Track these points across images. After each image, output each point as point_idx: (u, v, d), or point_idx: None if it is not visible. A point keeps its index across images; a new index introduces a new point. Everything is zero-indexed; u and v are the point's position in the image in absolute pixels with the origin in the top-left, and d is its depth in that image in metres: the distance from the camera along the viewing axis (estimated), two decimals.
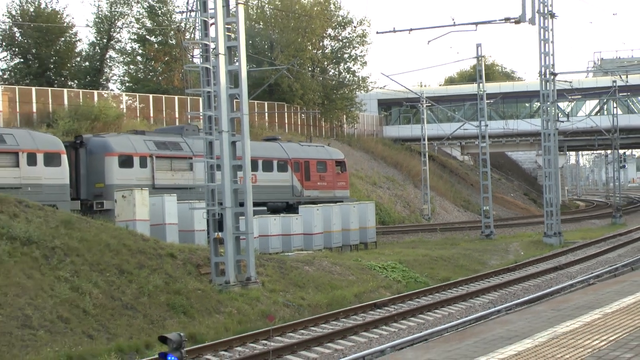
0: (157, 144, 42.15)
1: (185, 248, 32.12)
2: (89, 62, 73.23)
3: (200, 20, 31.03)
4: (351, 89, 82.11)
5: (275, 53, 72.97)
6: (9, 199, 28.56)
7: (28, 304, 23.82)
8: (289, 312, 29.61)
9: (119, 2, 72.76)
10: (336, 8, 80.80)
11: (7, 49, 67.13)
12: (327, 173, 52.55)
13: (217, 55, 30.45)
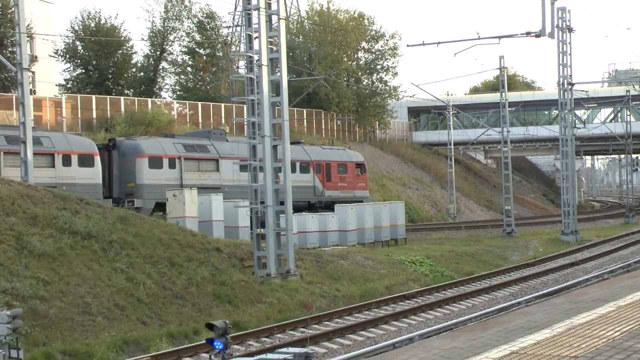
0: (186, 147, 41.85)
1: (230, 243, 32.18)
2: (143, 73, 73.71)
3: (245, 35, 31.10)
4: (383, 98, 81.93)
5: (314, 64, 72.96)
6: (71, 197, 28.76)
7: (88, 292, 23.96)
8: (325, 302, 29.56)
9: (171, 18, 73.20)
10: (370, 23, 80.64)
11: (70, 61, 67.74)
12: (347, 174, 51.74)
13: (260, 66, 30.49)
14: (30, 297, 22.15)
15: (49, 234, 25.58)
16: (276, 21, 31.12)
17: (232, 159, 42.92)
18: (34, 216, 26.08)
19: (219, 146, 43.32)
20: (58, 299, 22.88)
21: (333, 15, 77.75)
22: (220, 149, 43.20)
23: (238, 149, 43.40)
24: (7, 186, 27.00)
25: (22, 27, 31.38)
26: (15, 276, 22.69)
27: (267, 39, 30.64)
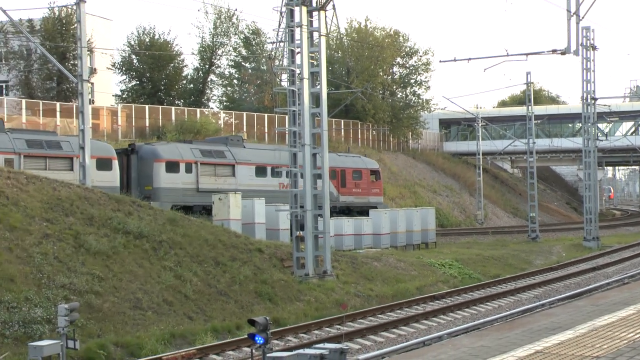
0: (203, 152, 40.91)
1: (271, 244, 32.19)
2: (193, 85, 74.09)
3: (289, 50, 31.13)
4: (416, 110, 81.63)
5: (351, 78, 72.89)
6: (125, 199, 28.94)
7: (139, 288, 24.07)
8: (359, 301, 29.46)
9: (220, 33, 73.53)
10: (404, 40, 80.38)
11: (126, 73, 68.30)
12: (362, 181, 49.98)
13: (302, 79, 30.51)
14: (86, 292, 22.30)
15: (104, 234, 25.75)
16: (317, 38, 31.14)
17: (248, 165, 42.39)
18: (90, 217, 26.27)
19: (235, 152, 42.43)
20: (111, 294, 23.01)
21: (370, 32, 77.60)
22: (236, 154, 42.32)
23: (254, 155, 43.06)
24: (66, 188, 27.24)
25: (83, 42, 31.68)
26: (73, 272, 22.86)
27: (308, 54, 30.67)
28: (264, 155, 43.48)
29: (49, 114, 51.25)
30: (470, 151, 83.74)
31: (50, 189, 26.51)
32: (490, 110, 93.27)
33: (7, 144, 33.79)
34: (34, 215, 24.52)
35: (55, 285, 21.94)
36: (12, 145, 33.94)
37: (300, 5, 30.40)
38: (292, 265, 30.42)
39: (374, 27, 78.40)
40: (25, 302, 20.40)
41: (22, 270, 21.83)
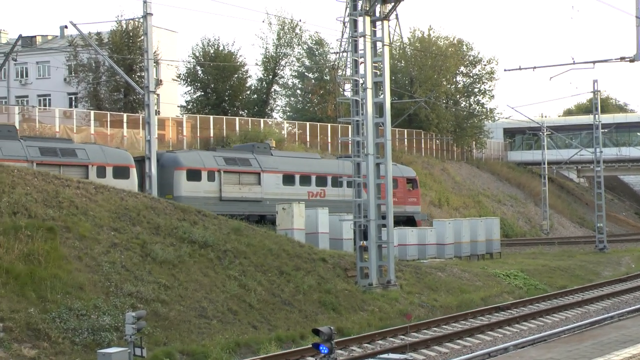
0: (227, 160, 39.89)
1: (335, 254, 32.17)
2: (257, 95, 74.64)
3: (352, 60, 31.14)
4: (480, 119, 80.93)
5: (415, 87, 72.62)
6: (190, 209, 29.22)
7: (204, 297, 24.26)
8: (424, 311, 29.25)
9: (283, 44, 73.99)
10: (468, 49, 79.78)
11: (191, 84, 69.16)
12: (397, 189, 46.59)
13: (365, 89, 30.51)
14: (153, 300, 22.56)
15: (170, 243, 26.04)
16: (381, 47, 31.10)
17: (275, 173, 41.43)
18: (156, 226, 26.59)
19: (262, 160, 41.57)
20: (177, 303, 23.24)
21: (433, 42, 77.25)
22: (263, 162, 41.46)
23: (282, 162, 42.17)
24: (133, 198, 27.64)
25: (150, 54, 32.20)
26: (140, 281, 23.16)
27: (372, 64, 30.64)
28: (293, 163, 42.96)
29: (116, 125, 52.15)
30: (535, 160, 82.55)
31: (117, 199, 26.93)
32: (555, 119, 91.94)
33: (19, 152, 32.99)
34: (102, 225, 24.92)
35: (123, 293, 22.26)
36: (25, 153, 33.17)
37: (364, 16, 30.41)
38: (356, 275, 30.36)
39: (437, 36, 78.05)
40: (94, 309, 20.73)
41: (91, 278, 22.19)
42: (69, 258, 22.41)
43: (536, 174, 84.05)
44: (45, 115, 51.58)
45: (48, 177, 25.81)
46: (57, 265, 21.68)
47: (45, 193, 24.50)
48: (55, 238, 22.64)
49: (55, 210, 23.98)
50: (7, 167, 24.99)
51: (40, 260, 21.38)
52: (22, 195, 23.55)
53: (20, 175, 24.72)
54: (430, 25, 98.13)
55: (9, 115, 50.43)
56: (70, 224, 23.80)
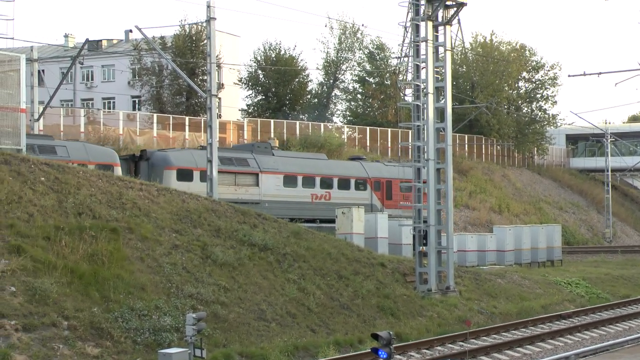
0: (222, 159, 37.25)
1: (393, 259, 32.07)
2: (317, 99, 74.90)
3: (413, 65, 31.05)
4: (542, 125, 79.92)
5: (476, 93, 72.05)
6: (250, 212, 29.40)
7: (263, 300, 24.37)
8: (483, 318, 28.97)
9: (344, 49, 74.13)
10: (531, 54, 78.87)
11: (252, 88, 69.68)
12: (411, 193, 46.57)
13: (426, 94, 30.38)
14: (213, 302, 22.74)
15: (230, 245, 26.22)
16: (442, 52, 30.94)
17: (275, 174, 39.48)
18: (217, 228, 26.81)
19: (261, 160, 39.65)
20: (237, 305, 23.39)
21: (495, 47, 76.56)
22: (262, 162, 39.52)
23: (283, 163, 40.38)
24: (195, 201, 27.91)
25: (213, 58, 32.49)
26: (200, 282, 23.37)
27: (433, 69, 30.53)
28: (295, 164, 41.13)
29: (178, 127, 52.79)
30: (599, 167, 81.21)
31: (179, 201, 27.22)
32: (620, 126, 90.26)
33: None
34: (164, 227, 25.21)
35: (184, 294, 22.48)
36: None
37: (426, 20, 30.31)
38: (415, 281, 30.23)
39: (499, 42, 77.33)
40: (155, 310, 20.97)
41: (153, 279, 22.46)
42: (132, 259, 22.72)
43: (599, 181, 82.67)
44: (109, 118, 52.47)
45: (112, 179, 26.22)
46: (120, 266, 21.99)
47: (109, 194, 24.88)
48: (118, 239, 22.97)
49: (119, 211, 24.34)
50: (73, 169, 25.46)
51: (103, 261, 21.71)
52: (87, 196, 23.95)
53: (85, 176, 25.15)
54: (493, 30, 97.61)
55: (75, 118, 51.41)
56: (132, 225, 24.13)
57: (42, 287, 19.44)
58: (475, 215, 59.47)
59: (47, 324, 18.74)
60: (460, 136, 69.38)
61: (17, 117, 25.04)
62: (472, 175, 66.63)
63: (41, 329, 18.53)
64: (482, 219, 59.08)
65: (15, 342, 17.72)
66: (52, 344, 18.37)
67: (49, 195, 23.04)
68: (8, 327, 17.96)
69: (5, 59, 25.31)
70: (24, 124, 25.61)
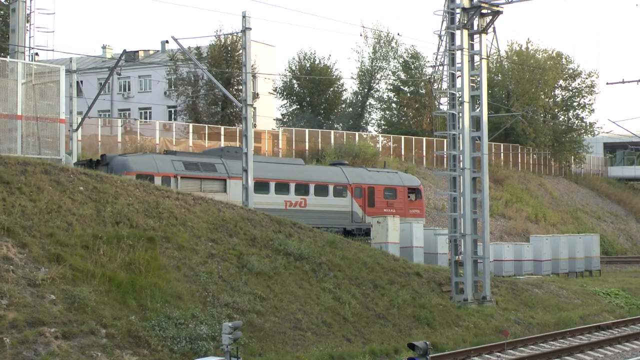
0: (186, 165, 36.16)
1: (429, 268, 31.98)
2: (352, 108, 74.97)
3: (449, 73, 31.02)
4: (579, 134, 79.27)
5: (511, 101, 71.68)
6: (285, 221, 29.49)
7: (299, 309, 24.43)
8: (520, 329, 28.78)
9: (379, 58, 74.18)
10: (567, 62, 78.31)
11: (287, 98, 69.97)
12: (396, 200, 43.47)
13: (462, 103, 30.32)
14: (249, 311, 22.84)
15: (266, 254, 26.33)
16: (478, 61, 30.88)
17: None
18: (253, 238, 26.94)
19: (230, 165, 37.53)
20: (273, 314, 23.47)
21: (531, 55, 76.13)
22: (231, 167, 37.35)
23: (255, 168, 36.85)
24: (230, 210, 28.08)
25: (248, 68, 32.70)
26: (236, 291, 23.49)
27: (469, 78, 30.47)
28: (268, 169, 39.10)
29: (213, 137, 53.16)
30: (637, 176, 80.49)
31: (215, 210, 27.40)
32: None
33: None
34: (200, 236, 25.40)
35: (220, 303, 22.61)
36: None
37: (461, 29, 30.27)
38: (451, 290, 30.11)
39: (535, 49, 76.89)
40: (191, 319, 21.12)
41: (189, 288, 22.62)
42: (168, 268, 22.91)
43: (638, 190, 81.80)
44: (146, 128, 53.00)
45: (149, 188, 26.47)
46: (157, 275, 22.18)
47: (146, 204, 25.12)
48: (155, 248, 23.17)
49: (156, 220, 24.56)
50: (110, 178, 25.75)
51: (140, 269, 21.91)
52: (124, 205, 24.21)
53: (123, 186, 25.42)
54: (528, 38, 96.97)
55: (112, 128, 51.99)
56: (169, 234, 24.33)
57: (81, 296, 19.67)
58: (511, 224, 59.09)
59: (86, 332, 18.95)
60: (495, 145, 69.06)
61: (57, 127, 25.42)
62: (508, 184, 66.24)
63: (80, 337, 18.75)
64: (518, 228, 58.69)
65: (55, 350, 17.96)
66: (91, 351, 18.57)
67: (88, 204, 23.32)
68: (48, 335, 18.20)
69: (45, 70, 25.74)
70: (63, 134, 25.98)
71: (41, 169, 23.29)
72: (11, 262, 19.61)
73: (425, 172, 60.97)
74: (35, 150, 24.87)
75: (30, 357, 17.52)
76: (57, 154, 25.43)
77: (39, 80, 25.38)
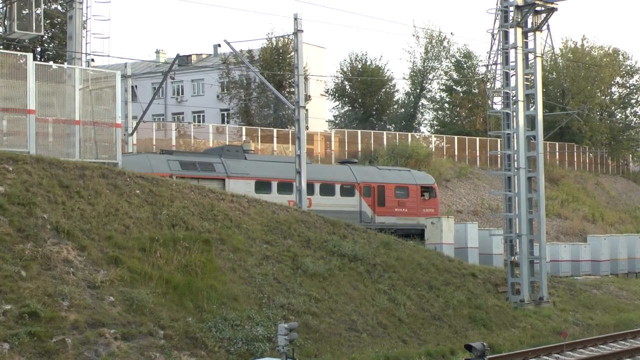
0: (183, 164, 35.10)
1: (484, 269, 31.80)
2: (404, 109, 74.83)
3: (502, 72, 30.82)
4: (637, 131, 78.02)
5: (567, 99, 70.87)
6: (339, 222, 29.56)
7: (354, 310, 24.49)
8: (578, 330, 28.48)
9: (431, 58, 73.93)
10: (624, 58, 77.20)
11: (339, 99, 70.09)
12: (408, 199, 41.91)
13: (516, 102, 30.11)
14: (304, 313, 22.96)
15: (320, 256, 26.44)
16: (532, 59, 30.64)
17: (245, 179, 36.29)
18: (307, 239, 27.06)
19: (230, 164, 36.72)
20: (328, 315, 23.56)
21: (587, 52, 75.20)
22: (231, 167, 36.59)
23: (256, 167, 37.41)
24: (284, 212, 28.25)
25: (300, 70, 32.88)
26: (291, 293, 23.63)
27: (523, 76, 30.25)
28: (270, 168, 38.04)
29: (266, 139, 53.50)
30: None
31: (269, 212, 27.59)
32: None
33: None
34: (255, 238, 25.60)
35: (275, 305, 22.77)
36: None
37: (515, 27, 30.08)
38: (507, 291, 29.91)
39: (591, 47, 75.96)
40: (247, 320, 21.31)
41: (245, 289, 22.83)
42: (224, 269, 23.14)
43: None
44: (199, 131, 53.56)
45: (204, 191, 26.75)
46: (213, 277, 22.41)
47: (201, 206, 25.40)
48: (211, 250, 23.42)
49: (211, 222, 24.82)
50: (166, 181, 26.10)
51: (197, 271, 22.17)
52: (180, 208, 24.51)
53: (179, 189, 25.74)
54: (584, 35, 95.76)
55: (166, 132, 52.66)
56: (224, 236, 24.57)
57: (139, 297, 19.98)
58: (567, 224, 58.40)
59: (144, 333, 19.25)
60: (551, 144, 68.31)
61: (113, 131, 25.84)
62: (564, 183, 65.47)
63: (139, 338, 19.05)
64: (575, 228, 57.97)
65: (115, 351, 18.28)
66: (149, 352, 18.86)
67: (144, 207, 23.67)
68: (108, 336, 18.53)
69: (101, 75, 26.18)
70: (119, 139, 26.40)
71: (99, 173, 23.71)
72: (71, 264, 20.01)
73: (479, 172, 60.59)
74: (92, 155, 25.29)
75: (91, 357, 17.86)
76: (114, 158, 25.84)
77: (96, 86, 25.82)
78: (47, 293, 18.68)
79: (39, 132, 24.03)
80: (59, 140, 25.08)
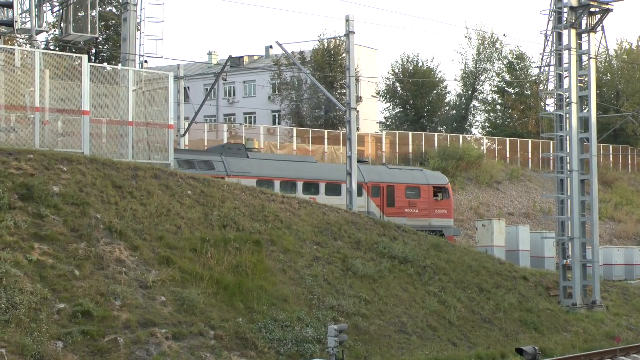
0: (181, 162, 33.60)
1: (536, 272, 31.38)
2: (455, 111, 74.24)
3: (556, 74, 30.39)
4: None
5: (621, 102, 69.62)
6: (390, 224, 29.41)
7: (404, 312, 24.32)
8: (632, 335, 27.94)
9: (483, 59, 73.25)
10: None
11: (390, 101, 69.82)
12: (420, 199, 40.45)
13: (570, 104, 29.65)
14: (354, 314, 22.86)
15: (370, 258, 26.31)
16: (586, 61, 30.16)
17: (246, 178, 34.67)
18: (357, 241, 26.96)
19: (231, 162, 35.75)
20: (377, 317, 23.43)
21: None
22: (232, 165, 35.58)
23: (259, 166, 36.31)
24: (335, 213, 28.18)
25: (352, 72, 32.78)
26: (341, 295, 23.54)
27: (577, 78, 29.80)
28: (273, 167, 37.00)
29: (317, 141, 53.46)
30: None
31: (320, 214, 27.54)
32: None
33: None
34: (305, 239, 25.57)
35: (325, 306, 22.70)
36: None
37: (569, 28, 29.63)
38: (559, 295, 29.47)
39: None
40: (297, 321, 21.27)
41: (295, 291, 22.80)
42: (274, 271, 23.14)
43: None
44: (251, 133, 53.75)
45: (255, 192, 26.80)
46: (263, 278, 22.43)
47: (252, 207, 25.45)
48: (262, 251, 23.44)
49: (262, 224, 24.85)
50: (217, 182, 26.20)
51: (247, 272, 22.20)
52: (231, 209, 24.58)
53: (230, 190, 25.82)
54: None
55: (218, 133, 52.96)
56: (275, 237, 24.58)
57: (190, 298, 20.06)
58: (621, 228, 57.31)
59: (195, 334, 19.33)
60: (604, 146, 67.16)
61: (166, 133, 26.02)
62: (618, 186, 64.28)
63: (190, 338, 19.13)
64: (629, 232, 56.86)
65: (166, 350, 18.37)
66: (200, 352, 18.93)
67: (196, 208, 23.78)
68: (159, 336, 18.64)
69: (154, 77, 26.41)
70: (172, 140, 26.58)
71: (151, 174, 23.88)
72: (124, 264, 20.18)
73: (531, 174, 59.85)
74: (145, 156, 25.48)
75: (143, 357, 17.98)
76: (166, 158, 26.02)
77: (149, 87, 26.04)
78: (100, 292, 18.85)
79: (93, 133, 24.29)
80: (113, 141, 25.34)
